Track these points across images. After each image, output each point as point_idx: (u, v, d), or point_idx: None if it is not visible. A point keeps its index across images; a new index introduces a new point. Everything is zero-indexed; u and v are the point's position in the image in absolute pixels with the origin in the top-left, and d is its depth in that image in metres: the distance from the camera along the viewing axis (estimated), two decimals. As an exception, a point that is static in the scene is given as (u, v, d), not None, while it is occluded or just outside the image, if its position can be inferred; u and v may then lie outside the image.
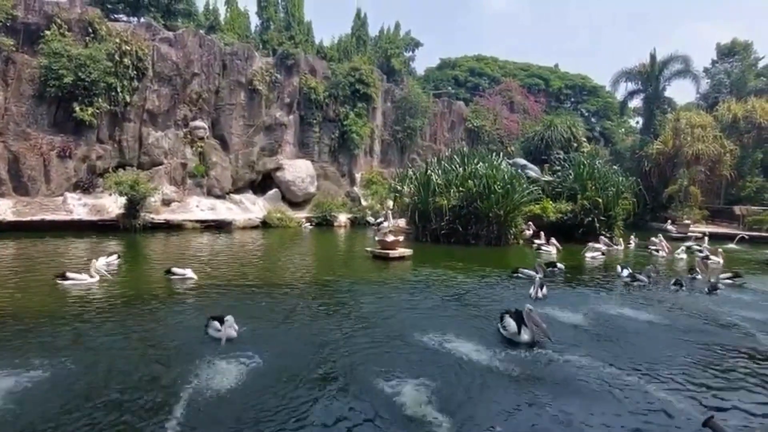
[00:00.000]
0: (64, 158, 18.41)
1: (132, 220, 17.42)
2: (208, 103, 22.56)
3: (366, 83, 26.67)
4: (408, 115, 30.08)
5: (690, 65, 30.85)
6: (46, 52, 17.67)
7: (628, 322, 7.54)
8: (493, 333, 6.73)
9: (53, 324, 6.59)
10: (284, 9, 32.02)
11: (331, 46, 34.45)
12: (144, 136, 20.68)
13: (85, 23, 18.96)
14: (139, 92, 20.18)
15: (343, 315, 7.58)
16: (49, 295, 8.19)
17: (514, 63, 49.38)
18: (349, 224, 23.86)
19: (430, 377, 5.06)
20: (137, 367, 5.20)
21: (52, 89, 17.68)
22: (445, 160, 19.53)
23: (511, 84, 41.00)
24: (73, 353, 5.52)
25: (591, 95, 48.75)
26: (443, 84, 44.74)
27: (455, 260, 13.15)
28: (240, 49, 23.46)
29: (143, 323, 6.80)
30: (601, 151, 31.61)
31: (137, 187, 17.30)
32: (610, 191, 18.76)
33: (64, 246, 13.84)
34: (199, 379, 4.89)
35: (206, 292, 8.82)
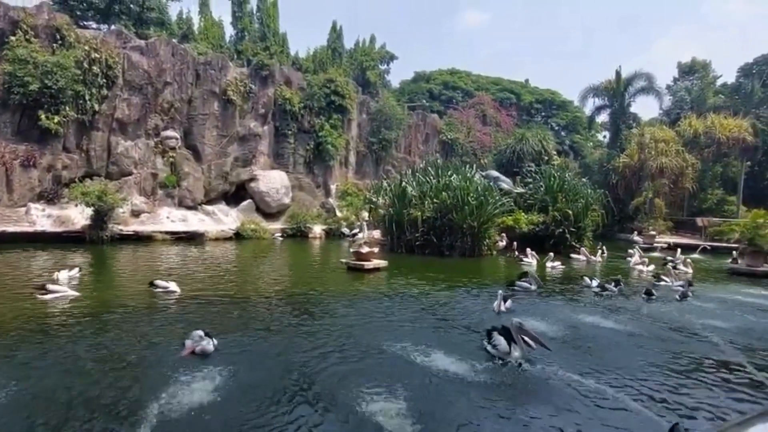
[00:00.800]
0: (28, 167, 17.78)
1: (99, 232, 16.91)
2: (180, 113, 22.21)
3: (341, 95, 26.77)
4: (383, 126, 30.30)
5: (653, 82, 32.12)
6: (10, 59, 17.14)
7: (598, 331, 7.71)
8: (467, 344, 6.77)
9: (10, 339, 6.31)
10: (259, 20, 31.91)
11: (307, 58, 34.47)
12: (113, 146, 20.18)
13: (52, 29, 18.48)
14: (108, 100, 19.73)
15: (316, 327, 7.50)
16: (7, 309, 7.84)
17: (487, 77, 50.43)
18: (324, 235, 23.74)
19: (404, 389, 5.05)
20: (100, 384, 5.02)
21: (17, 96, 17.14)
22: (420, 171, 19.72)
23: (484, 98, 41.86)
24: (34, 370, 5.30)
25: (560, 110, 50.14)
26: (418, 97, 45.29)
27: (430, 272, 13.22)
28: (214, 59, 23.25)
29: (105, 338, 6.57)
30: (570, 164, 32.49)
31: (105, 198, 16.83)
32: (579, 203, 19.24)
33: (25, 259, 13.31)
34: (167, 396, 4.75)
35: (174, 305, 8.60)
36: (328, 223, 24.70)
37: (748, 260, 15.67)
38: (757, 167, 32.98)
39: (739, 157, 30.77)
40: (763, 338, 7.69)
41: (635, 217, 27.83)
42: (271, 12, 31.88)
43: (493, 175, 21.39)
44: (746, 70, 39.07)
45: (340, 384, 5.21)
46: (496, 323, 6.90)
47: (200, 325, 6.61)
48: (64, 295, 8.67)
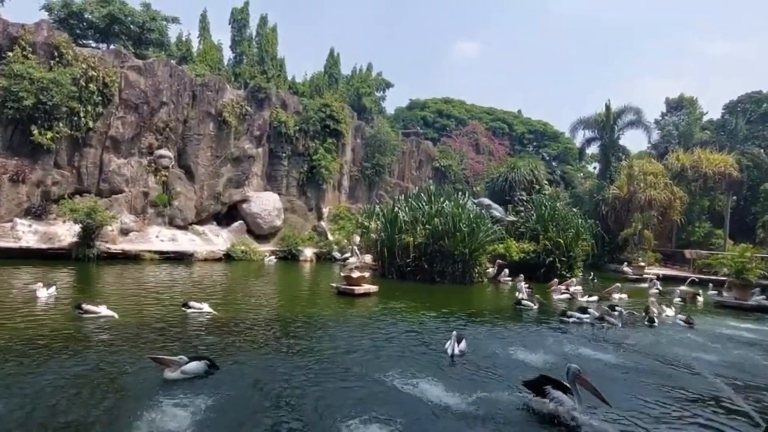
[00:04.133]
0: (17, 182, 17.59)
1: (86, 250, 16.65)
2: (175, 133, 22.24)
3: (336, 119, 27.03)
4: (377, 152, 30.55)
5: (642, 117, 32.83)
6: (6, 74, 17.16)
7: (590, 364, 7.64)
8: (457, 374, 6.66)
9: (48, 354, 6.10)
10: (258, 44, 32.43)
11: (304, 83, 34.94)
12: (105, 163, 20.09)
13: (51, 47, 18.59)
14: (103, 118, 19.74)
15: (304, 352, 7.36)
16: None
17: (480, 107, 51.35)
18: (315, 259, 23.57)
19: (391, 416, 4.94)
20: (83, 406, 4.85)
21: (10, 111, 17.09)
22: (413, 197, 19.79)
23: (477, 126, 42.53)
24: (12, 392, 5.11)
25: (552, 140, 51.01)
26: (412, 123, 45.90)
27: (420, 298, 13.12)
28: (211, 81, 23.46)
29: (86, 360, 6.39)
30: (561, 194, 32.80)
31: (94, 215, 16.63)
32: (570, 232, 19.37)
33: (5, 275, 13.02)
34: (147, 424, 4.58)
35: (156, 328, 8.41)
36: (320, 247, 24.57)
37: (736, 293, 15.77)
38: (742, 202, 33.59)
39: (726, 192, 31.33)
40: (753, 373, 7.66)
41: (625, 247, 28.01)
42: (270, 37, 32.43)
43: (485, 202, 21.52)
44: (731, 107, 40.22)
45: (327, 412, 5.08)
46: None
47: (185, 347, 6.46)
48: (100, 314, 8.58)
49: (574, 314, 11.06)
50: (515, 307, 12.41)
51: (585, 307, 11.70)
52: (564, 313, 11.18)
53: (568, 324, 10.62)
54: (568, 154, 49.55)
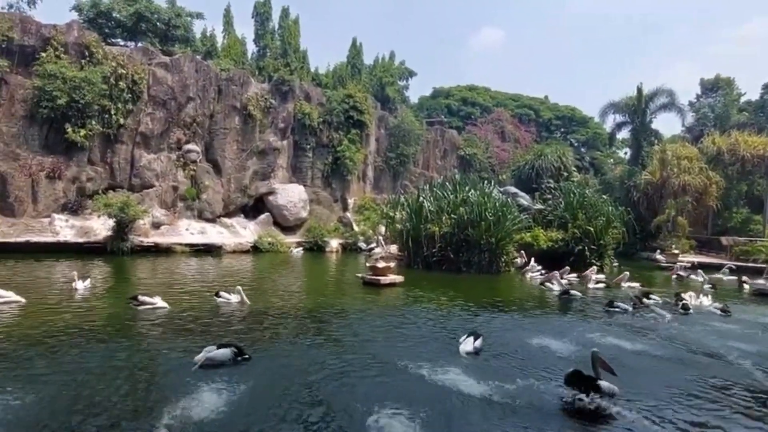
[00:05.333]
0: (54, 179, 18.24)
1: (120, 243, 17.17)
2: (202, 127, 22.63)
3: (360, 110, 26.99)
4: (401, 142, 30.41)
5: (675, 99, 31.66)
6: (40, 74, 17.71)
7: (620, 353, 7.46)
8: (483, 364, 6.61)
9: (27, 348, 6.37)
10: (281, 37, 32.54)
11: (327, 74, 34.94)
12: (136, 159, 20.61)
13: (81, 46, 19.09)
14: (133, 115, 20.21)
15: (332, 342, 7.44)
16: (24, 318, 7.96)
17: (505, 93, 50.44)
18: (341, 250, 23.73)
19: (420, 407, 4.93)
20: (119, 392, 5.02)
21: (45, 110, 17.66)
22: (437, 187, 19.64)
23: (503, 114, 41.83)
24: (54, 379, 5.32)
25: (580, 126, 49.76)
26: (436, 112, 45.44)
27: (446, 288, 13.06)
28: (236, 75, 23.72)
29: (123, 349, 6.60)
30: (590, 181, 32.05)
31: (127, 210, 17.12)
32: (600, 220, 18.91)
33: (45, 268, 13.56)
34: (180, 408, 4.72)
35: (190, 318, 8.62)
36: (345, 238, 24.72)
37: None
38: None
39: (765, 176, 29.97)
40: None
41: (657, 235, 27.21)
42: (293, 29, 32.49)
43: (511, 191, 21.21)
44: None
45: (352, 400, 5.12)
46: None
47: (216, 337, 6.61)
48: (155, 306, 8.88)
49: (620, 304, 10.83)
50: (560, 298, 12.29)
51: (639, 297, 11.53)
52: (611, 303, 10.93)
53: (613, 314, 10.38)
54: (597, 140, 48.26)
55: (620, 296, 12.26)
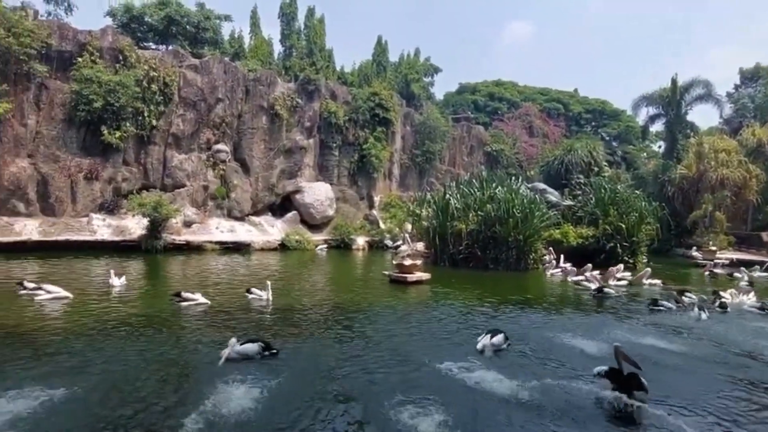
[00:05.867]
0: (91, 180, 18.92)
1: (153, 241, 17.68)
2: (230, 127, 23.06)
3: (385, 108, 26.98)
4: (427, 139, 30.27)
5: (712, 90, 30.50)
6: (77, 78, 18.36)
7: (657, 353, 7.25)
8: (511, 363, 6.53)
9: (68, 342, 6.64)
10: (306, 37, 32.83)
11: (352, 72, 35.08)
12: (168, 159, 21.17)
13: (116, 51, 19.71)
14: (165, 116, 20.76)
15: (359, 339, 7.48)
16: (71, 313, 8.29)
17: (533, 87, 49.52)
18: (367, 247, 23.83)
19: (447, 406, 4.92)
20: (152, 385, 5.19)
21: (82, 113, 18.31)
22: (464, 184, 19.48)
23: (531, 108, 41.09)
24: (99, 369, 5.54)
25: (611, 119, 48.42)
26: (462, 108, 45.00)
27: (473, 285, 12.96)
28: (263, 75, 24.06)
29: (159, 343, 6.81)
30: (622, 176, 31.19)
31: (160, 209, 17.62)
32: (632, 216, 18.41)
33: (84, 265, 14.09)
34: (210, 402, 4.84)
35: (224, 313, 8.82)
36: (372, 235, 24.80)
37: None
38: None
39: (811, 168, 28.51)
40: None
41: (694, 231, 26.27)
42: (318, 29, 32.74)
43: (539, 187, 20.84)
44: (817, 75, 36.36)
45: (380, 396, 5.14)
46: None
47: (248, 332, 6.74)
48: (197, 302, 9.18)
49: (665, 303, 10.56)
50: (594, 296, 12.06)
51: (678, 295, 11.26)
52: (655, 302, 10.64)
53: (657, 313, 10.15)
54: (629, 133, 46.87)
55: (658, 294, 11.91)
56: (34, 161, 18.04)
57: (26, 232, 16.64)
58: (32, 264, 13.67)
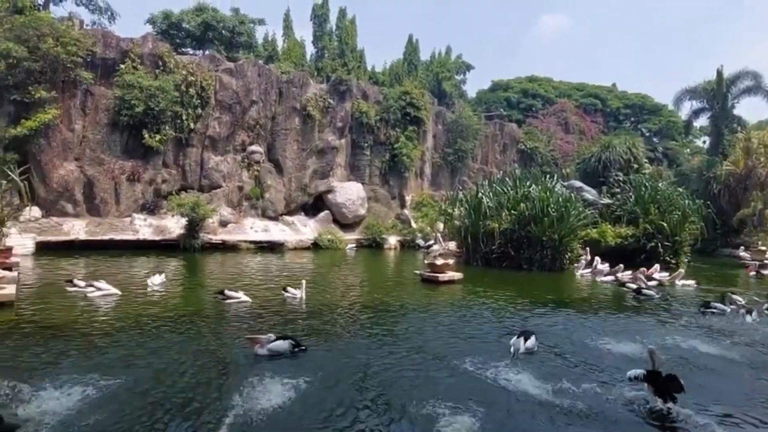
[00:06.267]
0: (133, 182, 19.68)
1: (191, 240, 18.24)
2: (264, 129, 23.51)
3: (417, 107, 26.91)
4: (459, 137, 30.00)
5: (761, 81, 28.93)
6: (120, 84, 19.12)
7: (701, 358, 6.95)
8: (546, 366, 6.39)
9: (115, 336, 6.92)
10: (338, 38, 33.15)
11: (383, 72, 35.18)
12: (205, 161, 21.78)
13: (155, 57, 20.41)
14: (202, 120, 21.36)
15: (390, 338, 7.49)
16: (119, 309, 8.65)
17: (569, 83, 48.26)
18: (399, 247, 23.84)
19: (480, 407, 4.85)
20: (192, 379, 5.37)
21: (125, 118, 19.05)
22: (497, 182, 19.21)
23: (566, 104, 40.08)
24: (136, 366, 5.76)
25: (652, 114, 46.63)
26: (495, 106, 44.35)
27: (506, 286, 12.76)
28: (295, 77, 24.41)
29: (199, 338, 7.02)
30: (664, 173, 30.07)
31: (197, 209, 18.16)
32: (675, 215, 17.73)
33: (128, 263, 14.67)
34: (244, 397, 4.95)
35: (259, 311, 9.01)
36: (403, 235, 24.79)
37: None
38: None
39: None
40: None
41: (741, 230, 25.03)
42: (350, 30, 33.00)
43: (575, 185, 20.31)
44: None
45: (411, 397, 5.12)
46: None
47: (283, 329, 6.86)
48: (239, 300, 9.46)
49: (718, 305, 10.15)
50: (635, 296, 11.68)
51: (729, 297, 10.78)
52: (707, 305, 10.23)
53: (705, 315, 9.77)
54: (671, 129, 45.04)
55: (694, 296, 11.42)
56: (81, 164, 18.90)
57: (74, 232, 17.47)
58: (80, 262, 14.34)
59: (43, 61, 17.39)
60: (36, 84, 17.38)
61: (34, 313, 8.17)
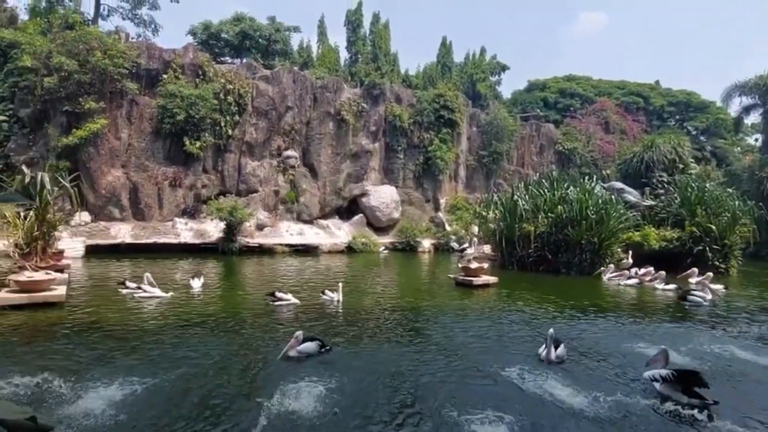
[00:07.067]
0: (175, 187, 20.42)
1: (230, 244, 18.74)
2: (299, 134, 23.92)
3: (450, 109, 26.74)
4: (494, 139, 29.60)
5: (820, 75, 27.20)
6: (163, 94, 19.89)
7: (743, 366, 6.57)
8: (587, 375, 6.19)
9: (160, 336, 7.17)
10: (372, 42, 33.41)
11: (417, 74, 35.19)
12: (242, 166, 22.35)
13: (196, 67, 21.13)
14: (239, 126, 21.95)
15: (423, 342, 7.44)
16: (166, 310, 8.97)
17: (609, 81, 46.78)
18: (433, 250, 23.71)
19: (514, 416, 4.75)
20: (232, 377, 5.48)
21: (167, 126, 19.80)
22: (533, 184, 18.81)
23: (606, 103, 38.86)
24: (178, 365, 5.95)
25: (699, 112, 44.54)
26: (531, 106, 43.52)
27: (542, 290, 12.45)
28: (329, 82, 24.73)
29: (239, 338, 7.18)
30: (712, 173, 28.65)
31: (235, 213, 18.65)
32: (724, 217, 16.85)
33: (170, 265, 15.19)
34: (281, 397, 5.03)
35: (299, 313, 9.14)
36: (437, 238, 24.64)
37: None
38: None
39: None
40: None
41: (799, 233, 23.50)
42: (383, 34, 33.21)
43: (616, 186, 19.62)
44: None
45: (445, 403, 5.06)
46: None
47: (321, 332, 6.95)
48: (289, 302, 9.72)
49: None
50: (680, 302, 11.22)
51: None
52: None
53: None
54: (720, 127, 42.89)
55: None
56: (127, 171, 19.76)
57: (120, 236, 18.27)
58: (126, 265, 14.95)
59: (92, 74, 18.31)
60: (86, 95, 18.32)
61: (83, 312, 8.57)
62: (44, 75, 17.95)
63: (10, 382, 5.09)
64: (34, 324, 7.70)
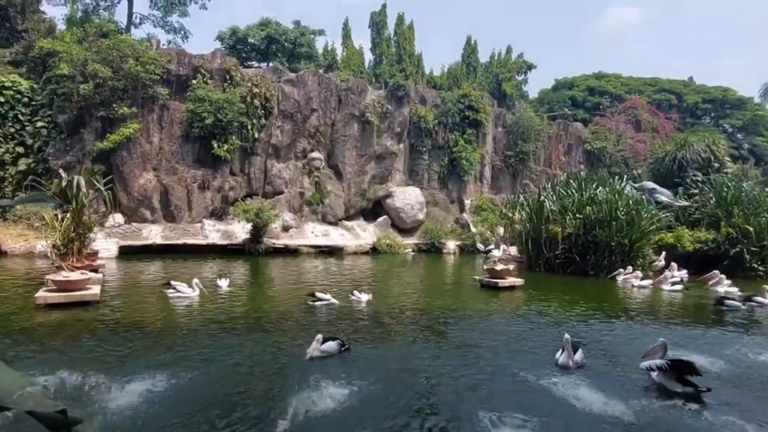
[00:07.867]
0: (204, 189, 20.90)
1: (256, 245, 19.05)
2: (324, 136, 24.14)
3: (476, 109, 26.53)
4: (520, 139, 29.22)
5: None
6: (192, 98, 20.39)
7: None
8: (617, 381, 6.03)
9: (193, 336, 7.33)
10: (396, 43, 33.47)
11: (441, 75, 35.03)
12: (268, 168, 22.70)
13: (223, 71, 21.59)
14: (265, 129, 22.30)
15: (447, 345, 7.39)
16: (196, 310, 9.19)
17: (640, 78, 45.60)
18: (458, 251, 23.54)
19: (541, 422, 4.66)
20: (260, 376, 5.57)
21: (196, 130, 20.28)
22: (560, 185, 18.48)
23: (637, 101, 37.86)
24: (209, 363, 6.07)
25: (735, 109, 42.95)
26: (559, 105, 42.79)
27: (570, 292, 12.21)
28: (354, 84, 24.88)
29: (269, 338, 7.28)
30: (750, 172, 27.56)
31: (261, 215, 18.95)
32: (763, 218, 16.19)
33: (200, 266, 15.53)
34: (298, 399, 5.04)
35: (327, 313, 9.21)
36: (462, 239, 24.46)
37: None
38: None
39: None
40: None
41: None
42: (407, 35, 33.21)
43: (648, 186, 19.09)
44: None
45: (469, 409, 5.01)
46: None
47: (351, 333, 6.99)
48: (329, 302, 9.85)
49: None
50: (716, 307, 10.79)
51: None
52: None
53: None
54: (758, 124, 41.27)
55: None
56: (158, 174, 20.32)
57: (152, 237, 18.79)
58: (157, 265, 15.38)
59: (125, 80, 18.91)
60: (119, 101, 18.94)
61: (116, 311, 8.84)
62: (80, 82, 18.63)
63: (48, 377, 5.30)
64: (71, 322, 7.98)
